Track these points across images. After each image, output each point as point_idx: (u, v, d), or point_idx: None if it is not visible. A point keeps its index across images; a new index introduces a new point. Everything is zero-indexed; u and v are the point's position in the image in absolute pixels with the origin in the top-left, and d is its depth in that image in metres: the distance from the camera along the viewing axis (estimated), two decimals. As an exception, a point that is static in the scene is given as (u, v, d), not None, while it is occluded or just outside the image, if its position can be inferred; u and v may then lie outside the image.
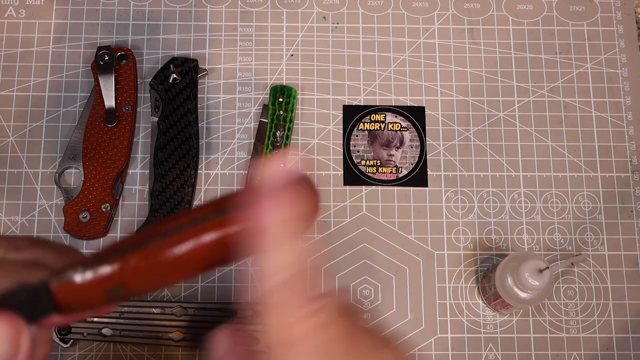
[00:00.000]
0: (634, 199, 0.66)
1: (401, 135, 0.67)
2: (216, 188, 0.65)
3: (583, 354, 0.62)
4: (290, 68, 0.69)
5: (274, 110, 0.66)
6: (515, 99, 0.68)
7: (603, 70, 0.69)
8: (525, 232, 0.65)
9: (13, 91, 0.67)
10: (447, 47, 0.70)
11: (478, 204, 0.65)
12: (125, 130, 0.65)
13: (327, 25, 0.70)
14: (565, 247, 0.64)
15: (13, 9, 0.70)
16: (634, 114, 0.68)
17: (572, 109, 0.68)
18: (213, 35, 0.69)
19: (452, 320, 0.62)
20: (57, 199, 0.64)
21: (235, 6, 0.70)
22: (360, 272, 0.63)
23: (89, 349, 0.60)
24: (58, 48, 0.69)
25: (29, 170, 0.65)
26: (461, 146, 0.67)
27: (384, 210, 0.65)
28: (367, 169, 0.66)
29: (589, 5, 0.72)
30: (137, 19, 0.70)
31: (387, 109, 0.68)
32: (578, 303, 0.63)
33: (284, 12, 0.70)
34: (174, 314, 0.60)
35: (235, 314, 0.60)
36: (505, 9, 0.71)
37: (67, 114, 0.67)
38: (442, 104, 0.68)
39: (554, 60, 0.70)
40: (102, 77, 0.65)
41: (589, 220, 0.65)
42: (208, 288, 0.62)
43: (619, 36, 0.71)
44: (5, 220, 0.64)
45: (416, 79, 0.69)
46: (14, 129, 0.66)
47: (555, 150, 0.67)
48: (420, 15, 0.71)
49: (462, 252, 0.64)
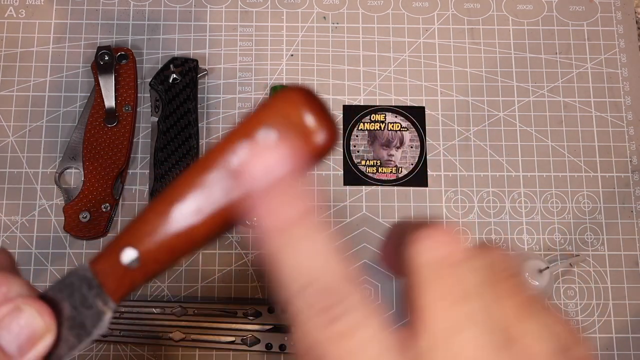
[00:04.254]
0: (634, 199, 0.66)
1: (401, 135, 0.67)
2: (216, 188, 0.65)
3: (583, 354, 0.62)
4: (290, 68, 0.69)
5: (274, 110, 0.66)
6: (515, 99, 0.68)
7: (603, 70, 0.69)
8: (525, 232, 0.65)
9: (13, 91, 0.67)
10: (447, 47, 0.70)
11: (478, 204, 0.65)
12: (125, 130, 0.65)
13: (327, 25, 0.70)
14: (565, 247, 0.64)
15: (13, 9, 0.70)
16: (634, 114, 0.68)
17: (572, 109, 0.68)
18: (213, 35, 0.69)
19: (452, 320, 0.62)
20: (57, 199, 0.64)
21: (235, 6, 0.70)
22: (360, 272, 0.63)
23: (89, 349, 0.60)
24: (58, 48, 0.69)
25: (29, 170, 0.65)
26: (461, 146, 0.67)
27: (384, 210, 0.65)
28: (367, 169, 0.66)
29: (589, 5, 0.72)
30: (137, 19, 0.70)
31: (387, 109, 0.68)
32: (578, 303, 0.63)
33: (284, 12, 0.70)
34: (174, 314, 0.60)
35: (235, 314, 0.60)
36: (505, 9, 0.71)
37: (67, 114, 0.67)
38: (442, 104, 0.68)
39: (554, 60, 0.70)
40: (102, 77, 0.65)
41: (589, 220, 0.65)
42: (208, 288, 0.62)
43: (619, 36, 0.71)
44: (5, 220, 0.64)
45: (416, 79, 0.69)
46: (14, 129, 0.66)
47: (555, 150, 0.67)
48: (420, 15, 0.71)
49: (462, 252, 0.64)
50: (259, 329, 0.60)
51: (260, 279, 0.63)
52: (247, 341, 0.60)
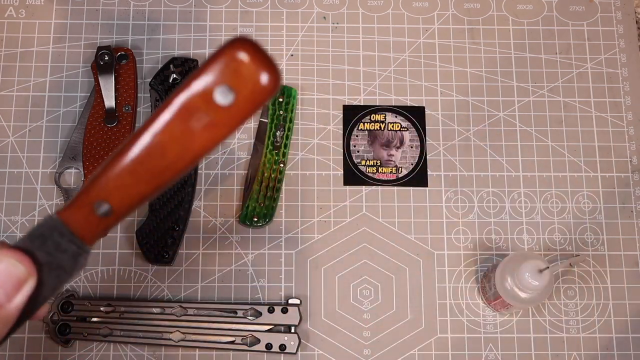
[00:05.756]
0: (634, 199, 0.66)
1: (401, 135, 0.67)
2: (216, 188, 0.65)
3: (583, 354, 0.62)
4: (290, 68, 0.69)
5: (274, 110, 0.66)
6: (515, 99, 0.68)
7: (603, 70, 0.69)
8: (525, 232, 0.65)
9: (13, 91, 0.67)
10: (447, 47, 0.70)
11: (478, 204, 0.65)
12: (125, 130, 0.65)
13: (327, 25, 0.70)
14: (565, 247, 0.64)
15: (13, 9, 0.70)
16: (634, 114, 0.68)
17: (572, 109, 0.68)
18: (213, 35, 0.69)
19: (452, 320, 0.62)
20: (57, 199, 0.64)
21: (235, 6, 0.70)
22: (360, 272, 0.63)
23: (89, 349, 0.60)
24: (58, 48, 0.69)
25: (29, 170, 0.65)
26: (461, 146, 0.67)
27: (384, 210, 0.65)
28: (367, 169, 0.66)
29: (589, 5, 0.72)
30: (137, 19, 0.70)
31: (387, 109, 0.68)
32: (578, 303, 0.63)
33: (284, 12, 0.70)
34: (174, 314, 0.60)
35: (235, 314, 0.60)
36: (505, 9, 0.71)
37: (67, 114, 0.67)
38: (442, 104, 0.68)
39: (554, 60, 0.70)
40: (102, 77, 0.65)
41: (589, 220, 0.65)
42: (208, 288, 0.62)
43: (619, 36, 0.71)
44: (5, 220, 0.64)
45: (416, 79, 0.69)
46: (14, 129, 0.66)
47: (555, 150, 0.67)
48: (420, 15, 0.71)
49: (462, 252, 0.64)
50: (259, 329, 0.60)
51: (260, 279, 0.63)
52: (247, 341, 0.60)
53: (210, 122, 0.32)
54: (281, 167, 0.64)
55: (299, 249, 0.64)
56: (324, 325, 0.62)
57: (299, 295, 0.62)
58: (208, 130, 0.33)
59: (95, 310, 0.60)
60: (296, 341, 0.60)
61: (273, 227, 0.64)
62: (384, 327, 0.62)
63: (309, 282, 0.63)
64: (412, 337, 0.62)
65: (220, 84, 0.32)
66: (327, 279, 0.63)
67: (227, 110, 0.32)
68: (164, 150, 0.33)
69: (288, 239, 0.64)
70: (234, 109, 0.32)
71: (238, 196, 0.65)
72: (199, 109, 0.32)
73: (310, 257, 0.63)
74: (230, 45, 0.32)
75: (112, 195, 0.34)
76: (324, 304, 0.62)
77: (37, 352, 0.60)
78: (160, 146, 0.33)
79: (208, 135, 0.33)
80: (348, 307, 0.62)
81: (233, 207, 0.65)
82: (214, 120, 0.32)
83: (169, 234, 0.62)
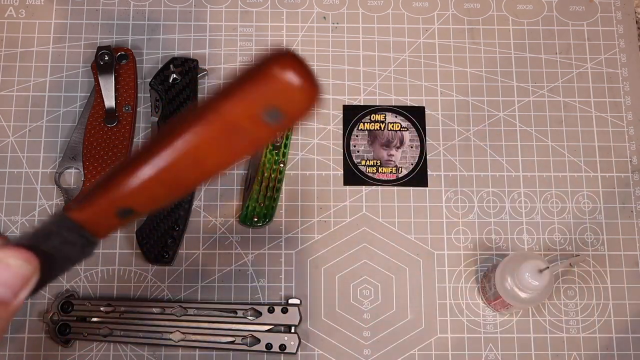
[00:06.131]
0: (634, 199, 0.66)
1: (401, 135, 0.67)
2: (216, 188, 0.65)
3: (583, 354, 0.62)
4: (290, 68, 0.68)
5: (274, 110, 0.66)
6: (515, 99, 0.68)
7: (603, 70, 0.69)
8: (525, 232, 0.65)
9: (13, 91, 0.67)
10: (447, 47, 0.70)
11: (478, 204, 0.65)
12: (125, 130, 0.65)
13: (327, 25, 0.70)
14: (565, 247, 0.64)
15: (13, 9, 0.70)
16: (634, 114, 0.68)
17: (572, 109, 0.68)
18: (213, 35, 0.69)
19: (452, 320, 0.62)
20: (57, 199, 0.64)
21: (235, 6, 0.70)
22: (360, 272, 0.63)
23: (89, 349, 0.60)
24: (58, 48, 0.69)
25: (29, 170, 0.65)
26: (461, 146, 0.67)
27: (384, 210, 0.65)
28: (367, 169, 0.66)
29: (589, 5, 0.72)
30: (137, 19, 0.70)
31: (387, 109, 0.68)
32: (578, 303, 0.63)
33: (284, 12, 0.70)
34: (174, 314, 0.60)
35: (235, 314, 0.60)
36: (505, 9, 0.71)
37: (67, 114, 0.67)
38: (442, 104, 0.68)
39: (554, 60, 0.70)
40: (102, 77, 0.65)
41: (589, 220, 0.65)
42: (208, 288, 0.62)
43: (619, 36, 0.71)
44: (5, 220, 0.64)
45: (416, 79, 0.69)
46: (14, 129, 0.66)
47: (555, 150, 0.67)
48: (420, 15, 0.71)
49: (462, 252, 0.64)
50: (259, 329, 0.60)
51: (260, 279, 0.63)
52: (247, 341, 0.60)
53: (254, 138, 0.32)
54: (281, 167, 0.64)
55: (299, 249, 0.64)
56: (324, 325, 0.62)
57: (299, 295, 0.62)
58: (250, 144, 0.32)
59: (95, 310, 0.60)
60: (296, 341, 0.60)
61: (273, 227, 0.64)
62: (384, 327, 0.62)
63: (309, 282, 0.63)
64: (412, 337, 0.62)
65: (270, 108, 0.31)
66: (327, 279, 0.63)
67: (273, 128, 0.32)
68: (200, 162, 0.33)
69: (288, 239, 0.64)
70: (279, 127, 0.32)
71: (238, 196, 0.65)
72: (245, 129, 0.32)
73: (310, 257, 0.63)
74: (279, 64, 0.31)
75: (138, 201, 0.34)
76: (324, 304, 0.62)
77: (37, 352, 0.60)
78: (196, 158, 0.33)
79: (248, 148, 0.33)
80: (348, 307, 0.62)
81: (233, 207, 0.65)
82: (258, 136, 0.32)
83: (169, 234, 0.62)
